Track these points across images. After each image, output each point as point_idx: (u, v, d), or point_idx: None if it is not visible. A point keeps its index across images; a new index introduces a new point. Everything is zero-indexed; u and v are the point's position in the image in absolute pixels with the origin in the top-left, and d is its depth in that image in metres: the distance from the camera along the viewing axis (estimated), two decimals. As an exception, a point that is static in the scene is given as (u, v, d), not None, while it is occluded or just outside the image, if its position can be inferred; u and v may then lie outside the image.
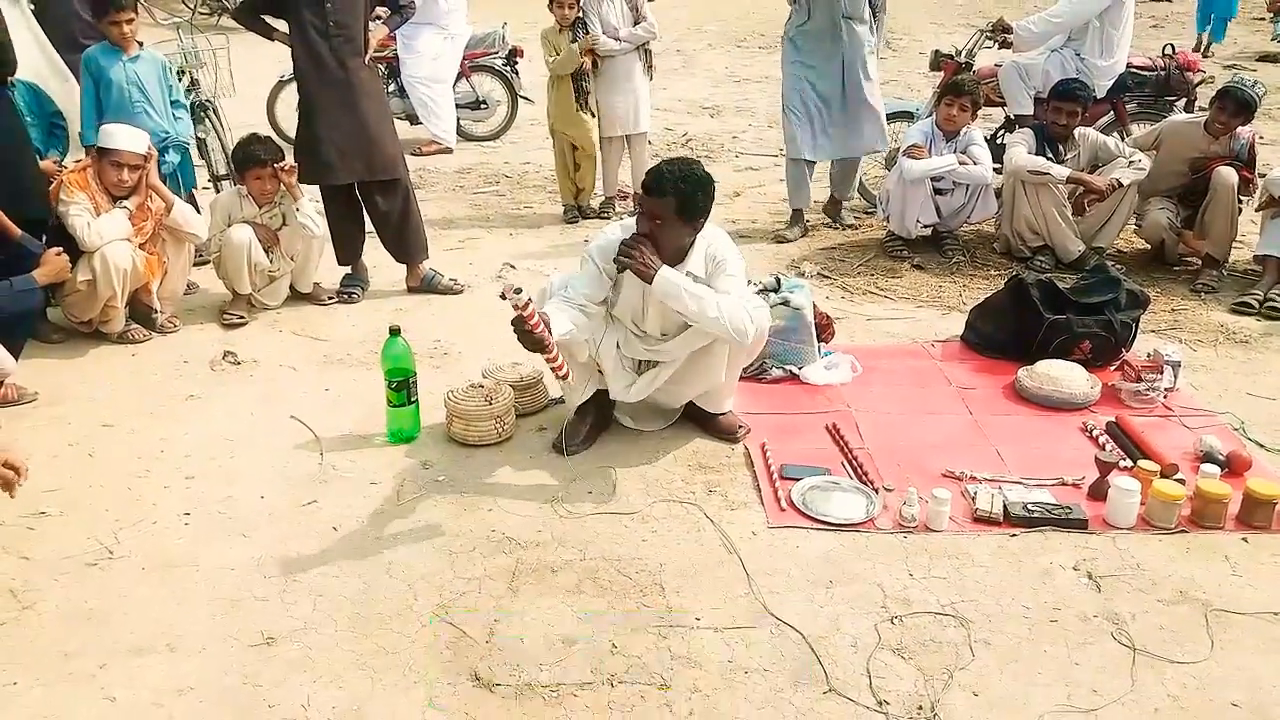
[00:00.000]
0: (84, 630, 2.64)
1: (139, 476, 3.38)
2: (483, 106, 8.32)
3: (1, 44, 4.17)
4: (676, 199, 3.14)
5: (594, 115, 6.03)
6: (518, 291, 2.85)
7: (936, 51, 6.59)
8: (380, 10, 4.89)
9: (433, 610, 2.70)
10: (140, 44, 4.82)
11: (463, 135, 8.22)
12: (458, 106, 8.09)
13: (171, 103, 4.94)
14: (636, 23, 5.97)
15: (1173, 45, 6.28)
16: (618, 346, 3.45)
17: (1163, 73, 6.11)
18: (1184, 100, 6.19)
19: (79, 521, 3.13)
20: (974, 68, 6.30)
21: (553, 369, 3.17)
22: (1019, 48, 5.99)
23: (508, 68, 8.26)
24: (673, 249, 3.25)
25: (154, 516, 3.15)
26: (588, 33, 5.81)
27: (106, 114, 4.66)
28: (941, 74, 6.39)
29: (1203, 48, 13.19)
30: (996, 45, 6.14)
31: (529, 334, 2.94)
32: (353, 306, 4.90)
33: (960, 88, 5.33)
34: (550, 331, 3.02)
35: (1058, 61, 5.85)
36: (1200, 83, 6.25)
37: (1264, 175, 5.08)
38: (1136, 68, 6.09)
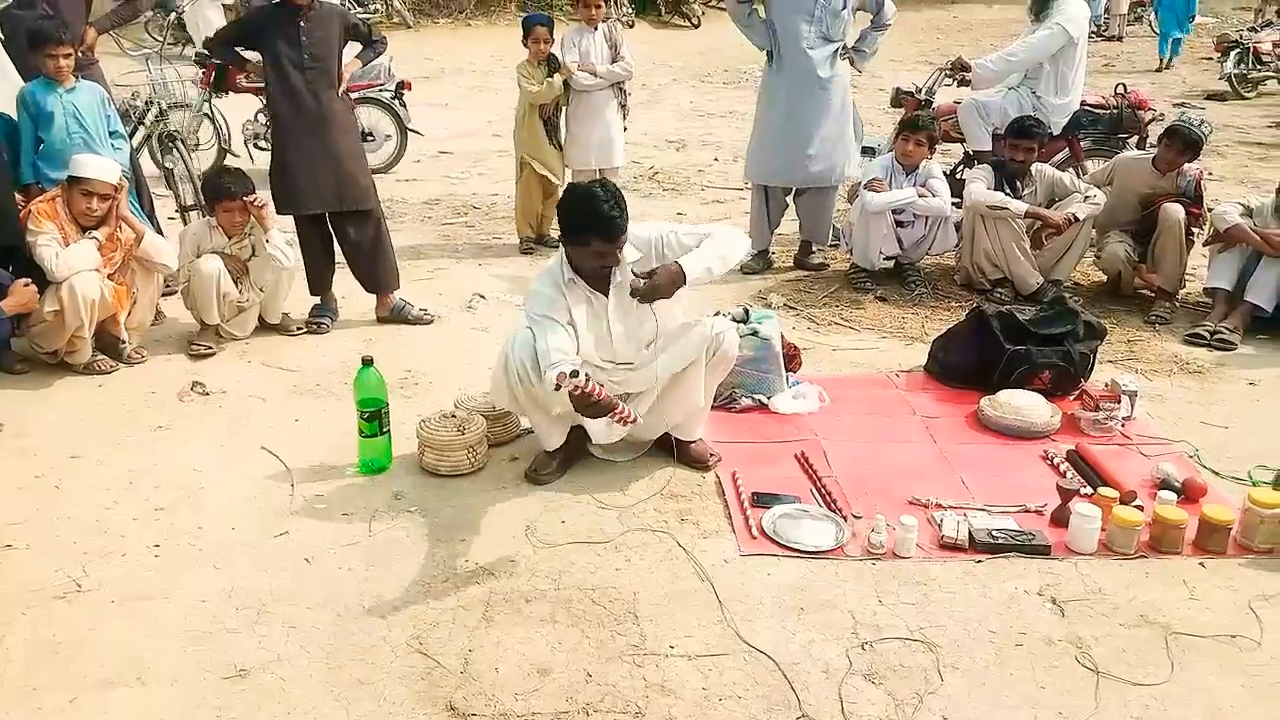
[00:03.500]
0: (52, 664, 2.61)
1: (107, 508, 3.36)
2: (369, 139, 7.91)
3: None
4: (624, 221, 3.23)
5: (559, 148, 6.09)
6: (573, 375, 2.85)
7: (898, 89, 6.76)
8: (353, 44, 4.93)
9: (406, 641, 2.70)
10: (77, 76, 4.75)
11: None
12: None
13: (110, 133, 4.84)
14: (614, 60, 6.05)
15: (1125, 84, 6.51)
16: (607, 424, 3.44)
17: (1115, 111, 6.33)
18: (1136, 137, 6.39)
19: (46, 554, 3.09)
20: (933, 104, 6.46)
21: (620, 420, 3.01)
22: (977, 85, 6.16)
23: (395, 100, 8.15)
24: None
25: (123, 548, 3.13)
26: (559, 68, 5.89)
27: (44, 148, 4.62)
28: (903, 110, 6.54)
29: (1163, 67, 14.15)
30: (955, 83, 6.30)
31: (597, 404, 2.90)
32: (322, 337, 4.90)
33: (916, 124, 5.46)
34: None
35: (1015, 99, 6.02)
36: (1151, 120, 6.47)
37: (1211, 210, 5.25)
38: (1090, 106, 6.29)
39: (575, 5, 6.02)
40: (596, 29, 6.02)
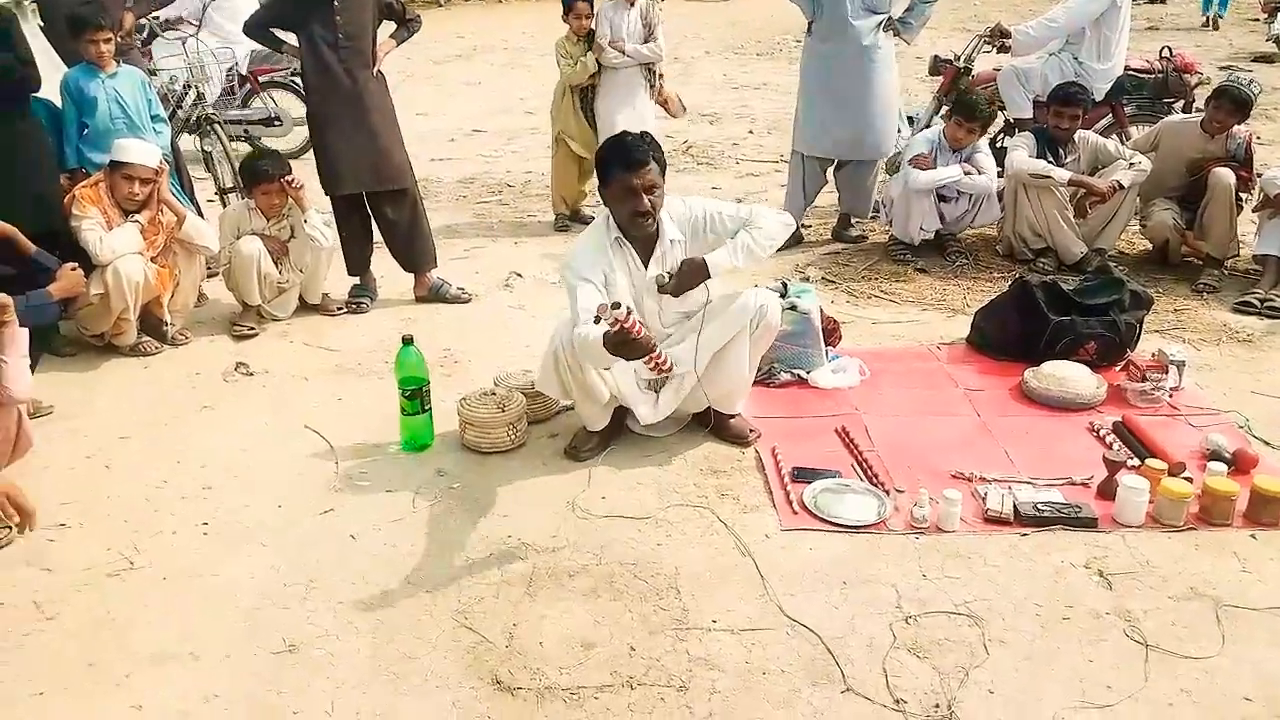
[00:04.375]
0: (107, 640, 2.67)
1: (157, 487, 3.42)
2: (276, 123, 7.78)
3: (26, 61, 4.23)
4: (656, 161, 3.25)
5: (594, 126, 6.06)
6: (616, 306, 2.81)
7: (935, 57, 6.64)
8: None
9: (452, 615, 2.73)
10: (118, 60, 4.82)
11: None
12: (250, 123, 7.63)
13: (152, 117, 4.91)
14: (646, 41, 5.96)
15: (1170, 48, 6.34)
16: (635, 372, 3.46)
17: (1160, 75, 6.18)
18: (1182, 102, 6.24)
19: (98, 533, 3.16)
20: (973, 72, 6.35)
21: (655, 366, 3.07)
22: (1017, 52, 6.04)
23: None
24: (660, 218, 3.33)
25: (173, 527, 3.19)
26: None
27: (89, 133, 4.69)
28: (941, 79, 6.43)
29: (1211, 22, 13.89)
30: (995, 50, 6.18)
31: (635, 342, 2.85)
32: (362, 316, 4.94)
33: (973, 111, 5.25)
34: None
35: (1056, 65, 5.91)
36: (1198, 84, 6.31)
37: (1260, 175, 5.12)
38: (1134, 70, 6.15)
39: None
40: (634, 5, 5.92)
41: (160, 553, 3.05)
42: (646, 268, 3.38)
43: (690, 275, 3.31)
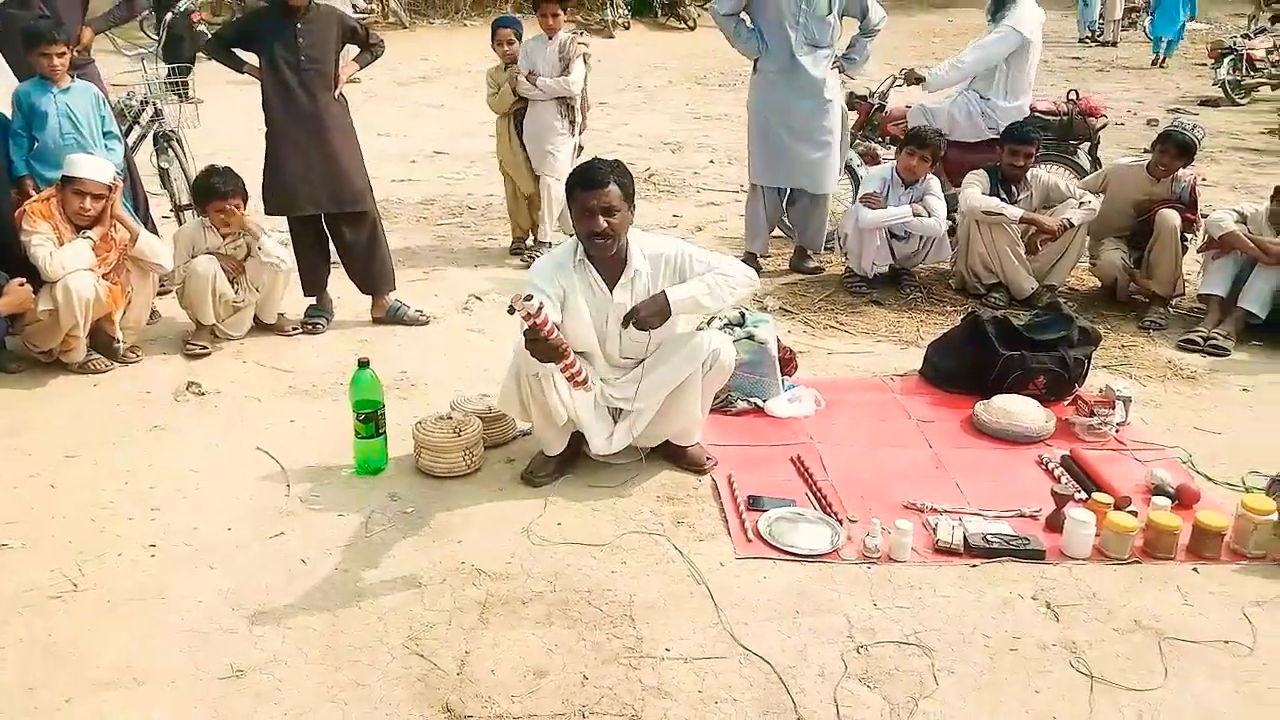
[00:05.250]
0: (48, 664, 2.61)
1: (103, 508, 3.35)
2: None
3: None
4: (618, 185, 3.27)
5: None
6: (528, 299, 2.78)
7: (851, 93, 6.69)
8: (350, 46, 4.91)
9: (403, 642, 2.71)
10: (73, 75, 4.75)
11: None
12: None
13: (105, 133, 4.83)
14: (563, 74, 5.80)
15: (1077, 90, 6.52)
16: (599, 395, 3.47)
17: (1065, 117, 6.34)
18: (1087, 144, 6.41)
19: (41, 554, 3.09)
20: (886, 108, 6.50)
21: (569, 376, 3.09)
22: (930, 91, 6.19)
23: None
24: (622, 243, 3.34)
25: (118, 548, 3.13)
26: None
27: (38, 148, 4.61)
28: (856, 114, 6.55)
29: (1159, 61, 14.50)
30: (906, 85, 6.31)
31: (544, 342, 2.87)
32: (317, 337, 4.89)
33: (924, 140, 5.36)
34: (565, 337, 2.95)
35: (963, 105, 6.03)
36: (1102, 127, 6.49)
37: (1205, 216, 5.27)
38: (1040, 112, 6.29)
39: (536, 13, 5.90)
40: (553, 39, 5.80)
41: (105, 575, 2.99)
42: (613, 293, 3.39)
43: (651, 313, 3.26)
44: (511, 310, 2.84)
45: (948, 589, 2.98)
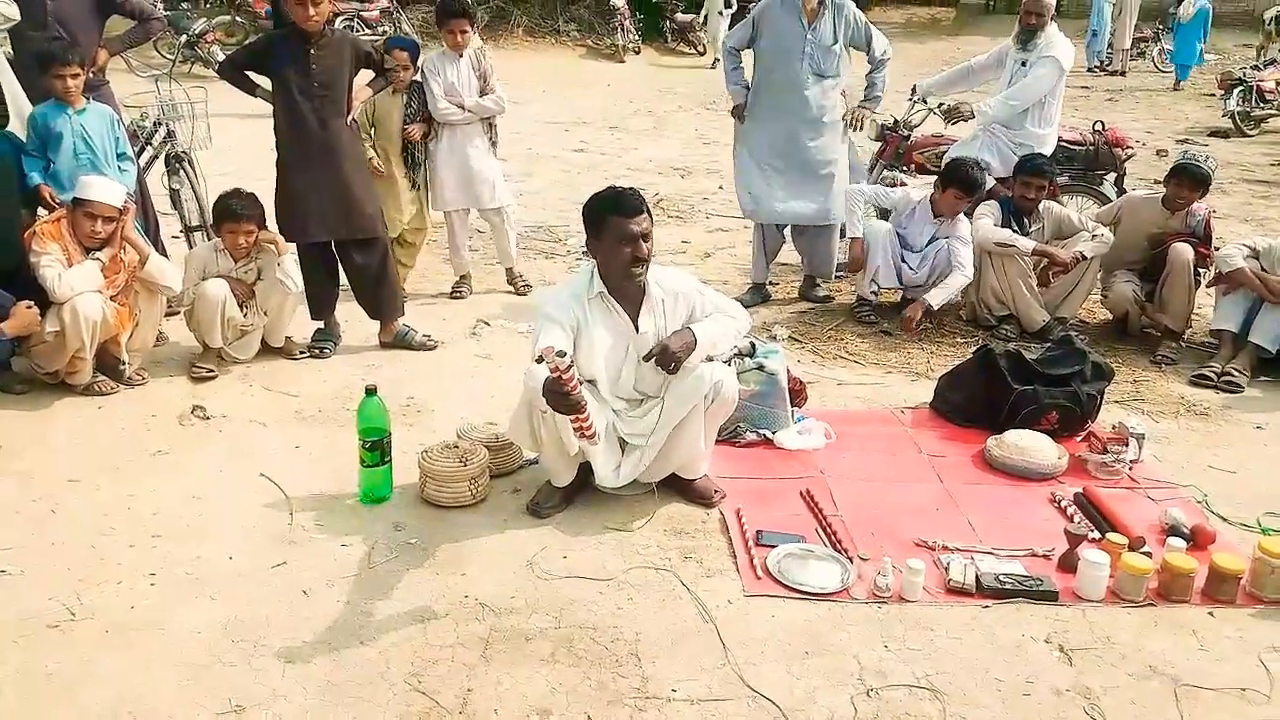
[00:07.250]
0: (45, 696, 2.57)
1: (103, 535, 3.32)
2: None
3: None
4: (647, 210, 3.31)
5: (415, 188, 5.62)
6: (560, 354, 2.80)
7: (881, 126, 6.59)
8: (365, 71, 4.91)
9: (405, 678, 2.66)
10: (88, 97, 4.76)
11: None
12: None
13: (118, 155, 4.82)
14: (483, 93, 5.53)
15: (1103, 122, 6.47)
16: (609, 426, 3.44)
17: (1091, 148, 6.31)
18: (1114, 175, 6.38)
19: (40, 580, 3.05)
20: (911, 137, 6.47)
21: (579, 428, 3.06)
22: (980, 124, 6.12)
23: None
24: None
25: (118, 576, 3.09)
26: (420, 100, 5.47)
27: (53, 169, 4.60)
28: (885, 145, 6.51)
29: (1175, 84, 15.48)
30: (947, 124, 6.27)
31: (566, 396, 2.87)
32: (324, 362, 4.87)
33: (972, 185, 5.23)
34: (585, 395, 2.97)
35: (990, 145, 5.89)
36: (1129, 158, 6.46)
37: (1217, 250, 5.23)
38: (1067, 142, 6.26)
39: (439, 29, 5.49)
40: (462, 56, 5.47)
41: (104, 604, 2.95)
42: (637, 324, 3.37)
43: (679, 348, 3.29)
44: (540, 360, 2.84)
45: (959, 630, 2.93)
